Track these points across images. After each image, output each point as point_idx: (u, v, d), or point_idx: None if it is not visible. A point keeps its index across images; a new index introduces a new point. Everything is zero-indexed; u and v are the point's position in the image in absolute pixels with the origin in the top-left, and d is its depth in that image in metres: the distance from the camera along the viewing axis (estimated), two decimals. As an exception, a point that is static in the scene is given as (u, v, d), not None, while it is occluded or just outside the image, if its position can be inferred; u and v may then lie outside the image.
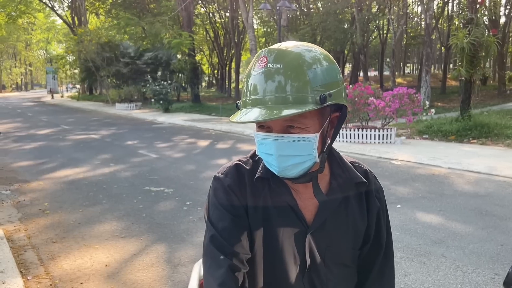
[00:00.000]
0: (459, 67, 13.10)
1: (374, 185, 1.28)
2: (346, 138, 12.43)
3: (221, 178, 1.22)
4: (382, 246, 1.29)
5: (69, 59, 39.38)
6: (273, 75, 1.04)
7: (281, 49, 1.08)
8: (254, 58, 1.11)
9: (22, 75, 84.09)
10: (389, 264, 1.32)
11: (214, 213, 1.19)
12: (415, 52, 51.84)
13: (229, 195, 1.18)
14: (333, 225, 1.21)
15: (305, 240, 1.19)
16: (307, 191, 1.19)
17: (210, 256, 1.15)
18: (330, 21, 28.49)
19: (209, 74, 53.21)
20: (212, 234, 1.16)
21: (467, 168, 8.58)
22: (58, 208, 6.26)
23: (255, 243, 1.19)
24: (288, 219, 1.18)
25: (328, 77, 1.08)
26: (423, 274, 4.00)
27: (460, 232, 5.05)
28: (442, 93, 29.15)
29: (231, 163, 1.26)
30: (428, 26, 23.99)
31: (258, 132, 1.12)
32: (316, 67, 1.07)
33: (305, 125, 1.08)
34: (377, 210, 1.27)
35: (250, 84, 1.08)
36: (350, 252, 1.25)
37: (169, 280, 3.98)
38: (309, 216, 1.19)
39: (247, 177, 1.21)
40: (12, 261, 4.26)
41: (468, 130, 12.58)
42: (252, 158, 1.26)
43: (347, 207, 1.23)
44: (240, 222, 1.17)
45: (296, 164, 1.10)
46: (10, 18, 47.03)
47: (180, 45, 25.62)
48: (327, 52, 1.14)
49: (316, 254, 1.20)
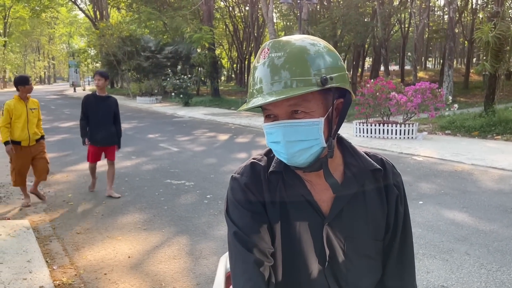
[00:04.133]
0: (484, 61, 12.85)
1: (392, 173, 1.28)
2: (367, 133, 12.32)
3: (237, 178, 1.25)
4: (398, 232, 1.27)
5: (91, 53, 39.93)
6: (275, 64, 1.08)
7: (282, 39, 1.12)
8: (260, 50, 1.14)
9: (45, 69, 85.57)
10: (407, 250, 1.29)
11: (233, 212, 1.21)
12: (437, 46, 50.92)
13: (246, 193, 1.21)
14: (351, 215, 1.21)
15: (323, 231, 1.19)
16: (321, 181, 1.20)
17: (235, 252, 1.18)
18: (351, 15, 28.14)
19: (228, 68, 53.30)
20: (235, 231, 1.19)
21: (491, 164, 8.42)
22: (81, 200, 6.38)
23: (275, 237, 1.21)
24: (304, 211, 1.20)
25: (329, 62, 1.10)
26: (446, 271, 3.95)
27: (484, 230, 4.97)
28: (464, 88, 28.62)
29: (246, 162, 1.28)
30: (451, 20, 23.51)
31: (266, 122, 1.15)
32: (316, 53, 1.10)
33: (309, 109, 1.10)
34: (395, 197, 1.26)
35: (255, 76, 1.12)
36: (372, 243, 1.24)
37: (191, 273, 4.02)
38: (325, 207, 1.20)
39: (262, 174, 1.23)
40: (38, 251, 4.37)
41: (492, 126, 12.33)
42: (267, 155, 1.28)
43: (364, 196, 1.23)
44: (259, 218, 1.19)
45: (304, 150, 1.11)
46: (34, 12, 47.88)
47: (200, 39, 25.71)
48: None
49: (336, 245, 1.20)
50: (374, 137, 12.18)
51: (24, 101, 5.82)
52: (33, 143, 5.88)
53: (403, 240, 1.28)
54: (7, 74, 65.36)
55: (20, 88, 5.75)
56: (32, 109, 5.88)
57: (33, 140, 5.86)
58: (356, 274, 1.23)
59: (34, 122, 5.87)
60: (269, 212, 1.20)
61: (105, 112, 6.28)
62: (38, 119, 6.00)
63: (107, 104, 6.32)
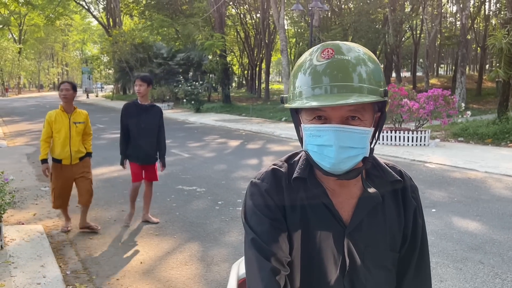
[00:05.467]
0: (497, 68, 12.75)
1: (410, 185, 1.29)
2: (379, 140, 12.08)
3: (258, 183, 1.23)
4: (417, 245, 1.27)
5: (104, 60, 40.38)
6: (343, 65, 1.07)
7: (342, 44, 1.12)
8: (308, 53, 1.15)
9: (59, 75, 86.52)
10: (425, 264, 1.30)
11: (252, 218, 1.20)
12: (449, 53, 50.57)
13: (266, 200, 1.20)
14: (370, 226, 1.21)
15: (343, 241, 1.19)
16: (343, 191, 1.20)
17: (252, 259, 1.17)
18: (363, 21, 28.17)
19: (239, 75, 53.47)
20: (252, 238, 1.18)
21: (505, 172, 8.32)
22: (94, 205, 6.41)
23: (294, 245, 1.20)
24: (325, 220, 1.19)
25: (382, 75, 1.13)
26: (460, 280, 3.91)
27: (498, 238, 4.91)
28: (477, 94, 28.35)
29: (267, 168, 1.27)
30: (463, 26, 23.37)
31: (314, 124, 1.11)
32: (378, 64, 1.13)
33: (364, 117, 1.11)
34: (413, 209, 1.27)
35: (314, 72, 1.09)
36: (389, 254, 1.24)
37: (203, 279, 4.03)
38: (346, 216, 1.20)
39: (284, 180, 1.22)
40: (52, 256, 4.41)
41: (506, 133, 12.19)
42: (287, 161, 1.27)
43: (383, 207, 1.23)
44: (278, 225, 1.18)
45: (352, 157, 1.11)
46: (49, 20, 48.69)
47: (212, 46, 25.87)
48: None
49: (355, 255, 1.20)
50: (386, 144, 12.12)
51: (67, 112, 5.00)
52: (75, 162, 5.07)
53: (422, 253, 1.29)
54: (21, 80, 66.31)
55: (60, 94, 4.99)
56: (76, 123, 5.04)
57: (75, 158, 5.06)
58: (374, 285, 1.22)
59: (77, 138, 5.05)
60: (288, 220, 1.20)
61: (148, 124, 5.31)
62: (86, 134, 5.23)
63: (150, 114, 5.33)
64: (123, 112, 5.36)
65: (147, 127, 5.30)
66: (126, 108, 5.38)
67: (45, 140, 4.96)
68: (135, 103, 5.35)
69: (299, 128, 1.19)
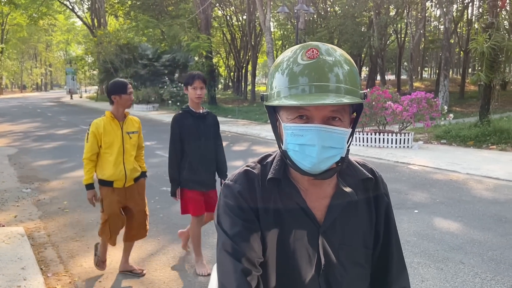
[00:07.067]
0: (479, 71, 12.94)
1: (381, 182, 1.32)
2: (363, 142, 12.36)
3: (230, 185, 1.24)
4: (393, 240, 1.31)
5: (88, 60, 40.01)
6: (328, 66, 1.09)
7: (329, 45, 1.14)
8: (291, 51, 1.15)
9: (42, 76, 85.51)
10: (402, 254, 1.35)
11: (224, 219, 1.22)
12: (433, 56, 51.28)
13: (239, 201, 1.21)
14: (344, 224, 1.23)
15: (318, 240, 1.21)
16: (317, 190, 1.22)
17: (223, 261, 1.18)
18: (348, 24, 28.39)
19: (225, 77, 53.44)
20: (224, 241, 1.19)
21: (486, 174, 8.46)
22: (77, 207, 6.36)
23: (268, 245, 1.21)
24: (299, 220, 1.21)
25: (359, 78, 1.16)
26: (441, 280, 3.96)
27: (478, 239, 4.99)
28: (460, 98, 28.80)
29: (240, 169, 1.28)
30: (447, 30, 23.72)
31: (296, 123, 1.12)
32: (354, 66, 1.15)
33: (344, 118, 1.13)
34: (385, 205, 1.30)
35: (299, 72, 1.09)
36: (363, 251, 1.27)
37: (186, 280, 4.02)
38: (320, 215, 1.22)
39: (256, 181, 1.24)
40: (33, 258, 4.35)
41: (487, 136, 12.40)
42: (260, 163, 1.28)
43: (356, 205, 1.25)
44: (251, 226, 1.19)
45: (332, 157, 1.13)
46: (32, 19, 48.06)
47: (198, 47, 25.82)
48: None
49: (330, 253, 1.22)
50: (370, 146, 12.23)
51: (119, 120, 3.87)
52: (130, 184, 3.93)
53: (398, 246, 1.33)
54: (3, 80, 65.27)
55: (115, 99, 3.78)
56: (130, 133, 3.92)
57: (130, 179, 3.92)
58: (349, 282, 1.24)
59: (132, 153, 3.94)
60: (262, 220, 1.21)
61: (208, 137, 4.13)
62: (139, 147, 4.12)
63: (208, 124, 4.15)
64: (176, 127, 4.01)
65: (208, 142, 4.12)
66: (180, 120, 4.02)
67: (90, 159, 3.77)
68: (190, 112, 4.01)
69: (278, 127, 1.19)
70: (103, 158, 3.81)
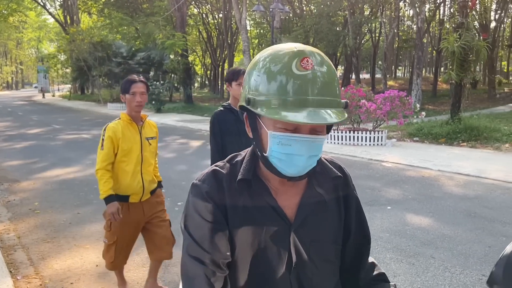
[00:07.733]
0: (450, 70, 13.23)
1: (350, 179, 1.35)
2: (338, 140, 12.49)
3: (198, 185, 1.23)
4: (367, 236, 1.35)
5: (61, 58, 39.18)
6: (322, 79, 1.08)
7: (318, 52, 1.12)
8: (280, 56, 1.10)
9: (13, 74, 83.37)
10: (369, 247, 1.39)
11: (191, 221, 1.20)
12: (406, 55, 52.18)
13: (207, 202, 1.20)
14: (314, 221, 1.24)
15: (290, 238, 1.21)
16: (287, 189, 1.23)
17: (187, 263, 1.17)
18: (323, 24, 28.62)
19: (201, 75, 53.19)
20: (188, 244, 1.18)
21: (457, 170, 8.67)
22: (48, 208, 6.24)
23: (237, 245, 1.20)
24: (270, 219, 1.21)
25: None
26: (412, 275, 4.05)
27: (449, 234, 5.11)
28: (433, 96, 29.40)
29: (208, 169, 1.27)
30: (419, 30, 24.17)
31: (284, 133, 1.10)
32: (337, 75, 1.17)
33: (324, 127, 1.15)
34: (355, 201, 1.33)
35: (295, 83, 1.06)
36: (333, 247, 1.29)
37: (160, 281, 3.98)
38: (291, 214, 1.22)
39: (225, 181, 1.22)
40: (2, 261, 4.24)
41: (458, 133, 12.70)
42: (229, 162, 1.28)
43: (326, 202, 1.27)
44: (217, 227, 1.18)
45: (314, 163, 1.15)
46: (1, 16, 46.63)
47: (173, 45, 25.62)
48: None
49: (302, 251, 1.22)
50: (344, 144, 12.37)
51: (137, 123, 3.35)
52: (146, 197, 3.44)
53: (369, 239, 1.36)
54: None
55: (123, 99, 3.32)
56: (149, 139, 3.41)
57: (147, 192, 3.43)
58: (320, 278, 1.26)
59: (151, 162, 3.44)
60: (230, 220, 1.20)
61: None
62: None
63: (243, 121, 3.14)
64: (217, 124, 3.36)
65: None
66: (221, 116, 3.37)
67: (105, 168, 3.21)
68: (231, 110, 3.36)
69: (259, 131, 1.18)
70: (118, 168, 3.27)
